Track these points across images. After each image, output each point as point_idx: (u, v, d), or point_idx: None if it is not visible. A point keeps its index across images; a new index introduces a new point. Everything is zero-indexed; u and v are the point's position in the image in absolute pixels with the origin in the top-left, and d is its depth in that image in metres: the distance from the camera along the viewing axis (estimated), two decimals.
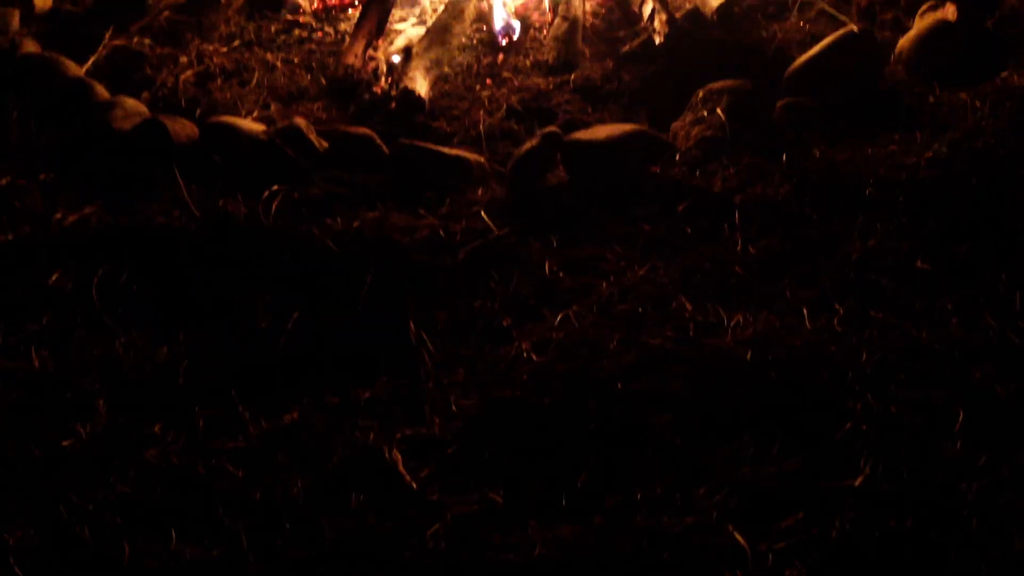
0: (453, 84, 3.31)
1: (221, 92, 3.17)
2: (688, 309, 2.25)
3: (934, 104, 2.90)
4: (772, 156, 2.72)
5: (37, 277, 2.32)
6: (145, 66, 3.20)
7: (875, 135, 2.78)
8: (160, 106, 3.04)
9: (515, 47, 3.49)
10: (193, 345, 2.18)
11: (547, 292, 2.36)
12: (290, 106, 3.17)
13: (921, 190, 2.49)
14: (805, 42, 3.29)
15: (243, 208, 2.57)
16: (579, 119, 3.09)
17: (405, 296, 2.32)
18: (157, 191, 2.65)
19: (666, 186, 2.66)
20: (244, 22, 3.60)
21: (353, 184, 2.69)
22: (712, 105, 2.87)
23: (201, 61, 3.31)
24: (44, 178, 2.65)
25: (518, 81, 3.30)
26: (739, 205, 2.54)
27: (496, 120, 3.09)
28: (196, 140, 2.84)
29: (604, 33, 3.53)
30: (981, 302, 2.17)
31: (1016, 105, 2.75)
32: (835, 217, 2.47)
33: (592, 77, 3.27)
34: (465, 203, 2.66)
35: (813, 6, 3.46)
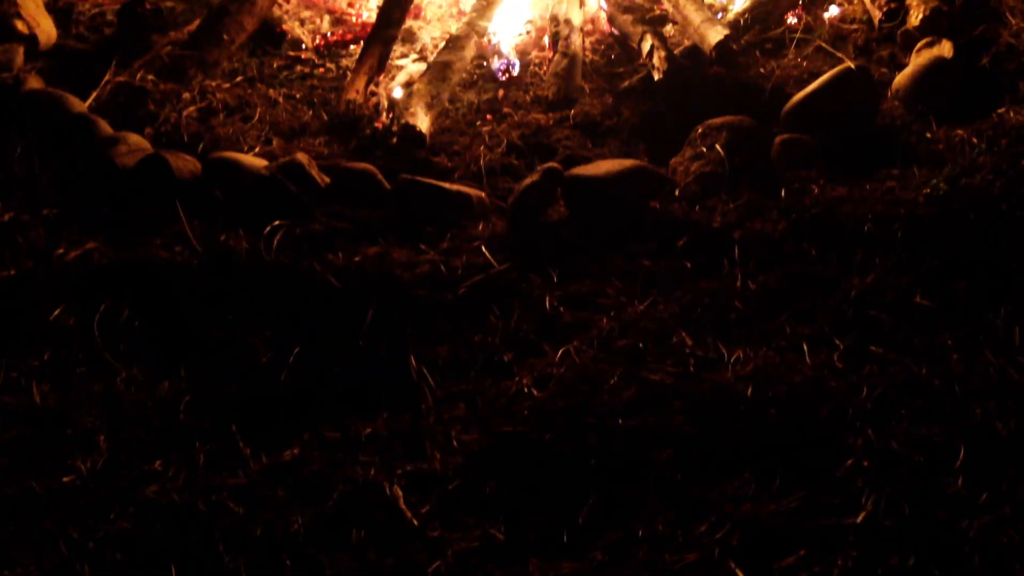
0: (454, 119, 3.33)
1: (223, 127, 3.19)
2: (688, 344, 2.25)
3: (931, 140, 2.93)
4: (771, 192, 2.74)
5: (39, 312, 2.32)
6: (148, 102, 3.22)
7: (873, 171, 2.80)
8: (163, 141, 3.06)
9: (515, 83, 3.53)
10: (194, 380, 2.18)
11: (548, 327, 2.36)
12: (292, 141, 3.19)
13: (919, 226, 2.51)
14: (803, 79, 3.33)
15: (245, 243, 2.58)
16: (579, 154, 3.12)
17: (406, 331, 2.32)
18: (159, 226, 2.66)
19: (666, 221, 2.67)
20: (247, 58, 3.63)
21: (355, 219, 2.70)
22: (711, 141, 2.90)
23: (204, 97, 3.33)
24: (47, 213, 2.66)
25: (518, 116, 3.32)
26: (738, 241, 2.55)
27: (497, 155, 3.10)
28: (198, 175, 2.85)
29: (603, 69, 3.56)
30: (981, 338, 2.18)
31: (1013, 142, 2.77)
32: (834, 253, 2.48)
33: (592, 113, 3.30)
34: (466, 238, 2.67)
35: (810, 43, 3.50)
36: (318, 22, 3.87)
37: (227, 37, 3.53)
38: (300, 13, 3.89)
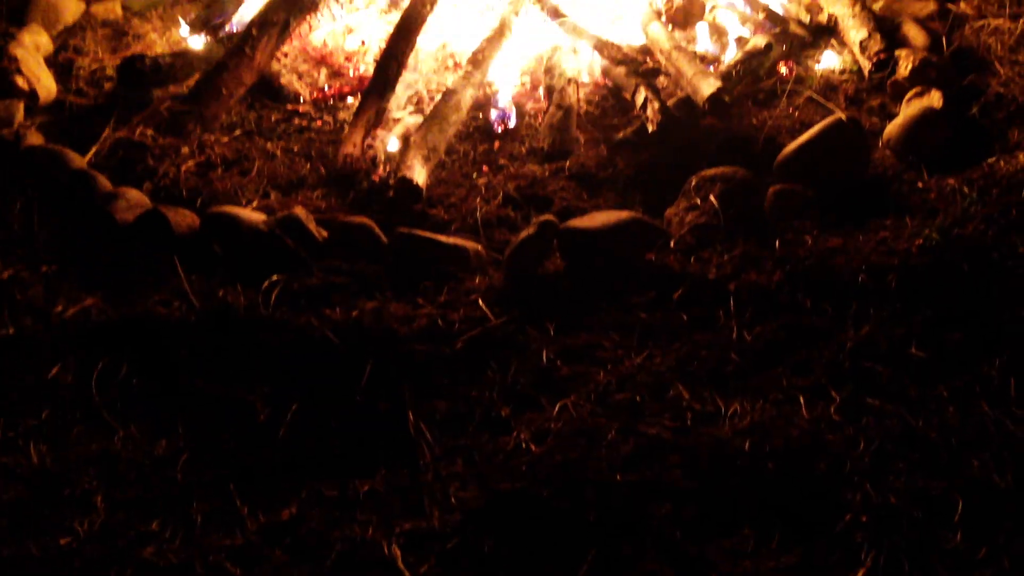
0: (450, 171, 3.36)
1: (222, 181, 3.21)
2: (685, 397, 2.26)
3: (923, 190, 2.96)
4: (765, 243, 2.76)
5: (37, 371, 2.33)
6: (148, 157, 3.24)
7: (866, 221, 2.83)
8: (162, 196, 3.08)
9: (511, 134, 3.56)
10: (192, 438, 2.19)
11: (545, 381, 2.37)
12: (290, 195, 3.21)
13: (913, 277, 2.53)
14: (795, 129, 3.36)
15: (243, 298, 2.59)
16: (575, 206, 3.14)
17: (404, 386, 2.33)
18: (158, 281, 2.67)
19: (661, 273, 2.69)
20: (245, 112, 3.66)
21: (352, 273, 2.72)
22: (705, 192, 2.92)
23: (202, 151, 3.36)
24: (46, 270, 2.68)
25: (514, 168, 3.35)
26: (734, 292, 2.57)
27: (493, 207, 3.13)
28: (197, 230, 2.88)
29: (598, 120, 3.59)
30: (976, 389, 2.20)
31: (1003, 191, 2.80)
32: (828, 304, 2.49)
33: (587, 164, 3.32)
34: (463, 291, 2.69)
35: (801, 93, 3.54)
36: (316, 75, 3.91)
37: (226, 91, 3.56)
38: (298, 67, 3.93)
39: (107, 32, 4.22)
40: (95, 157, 3.23)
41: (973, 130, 3.23)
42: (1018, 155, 2.96)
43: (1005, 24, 3.59)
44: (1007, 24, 3.59)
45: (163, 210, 2.85)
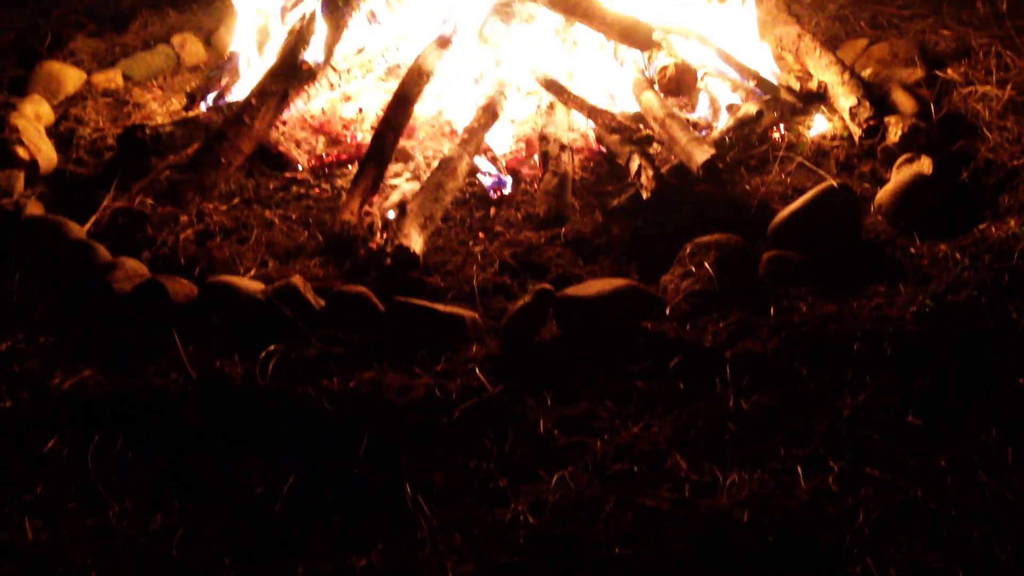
0: (447, 238, 3.38)
1: (220, 250, 3.23)
2: (683, 468, 2.25)
3: (915, 256, 2.99)
4: (760, 309, 2.78)
5: (33, 444, 2.32)
6: (147, 226, 3.27)
7: (860, 287, 2.85)
8: (160, 265, 3.10)
9: (507, 201, 3.59)
10: (187, 513, 2.17)
11: (542, 451, 2.37)
12: (288, 263, 3.23)
13: (908, 344, 2.54)
14: (787, 195, 3.40)
15: (240, 369, 2.59)
16: (571, 273, 3.16)
17: (401, 458, 2.32)
18: (155, 352, 2.68)
19: (657, 341, 2.70)
20: (244, 180, 3.69)
21: (349, 343, 2.73)
22: (700, 259, 2.95)
23: (201, 219, 3.38)
24: (43, 341, 2.69)
25: (510, 235, 3.37)
26: (730, 360, 2.58)
27: (489, 275, 3.15)
28: (195, 299, 2.89)
29: (593, 187, 3.63)
30: (974, 458, 2.20)
31: (995, 257, 2.83)
32: (824, 372, 2.50)
33: (583, 231, 3.35)
34: (460, 360, 2.69)
35: (793, 159, 3.58)
36: (314, 143, 3.95)
37: (225, 160, 3.60)
38: (296, 134, 3.97)
39: (108, 101, 4.29)
40: (94, 227, 3.26)
41: (964, 196, 3.27)
42: (1009, 221, 2.99)
43: (992, 91, 3.65)
44: (994, 91, 3.65)
45: (161, 280, 2.87)
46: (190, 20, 5.10)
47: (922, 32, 4.47)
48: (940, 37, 4.37)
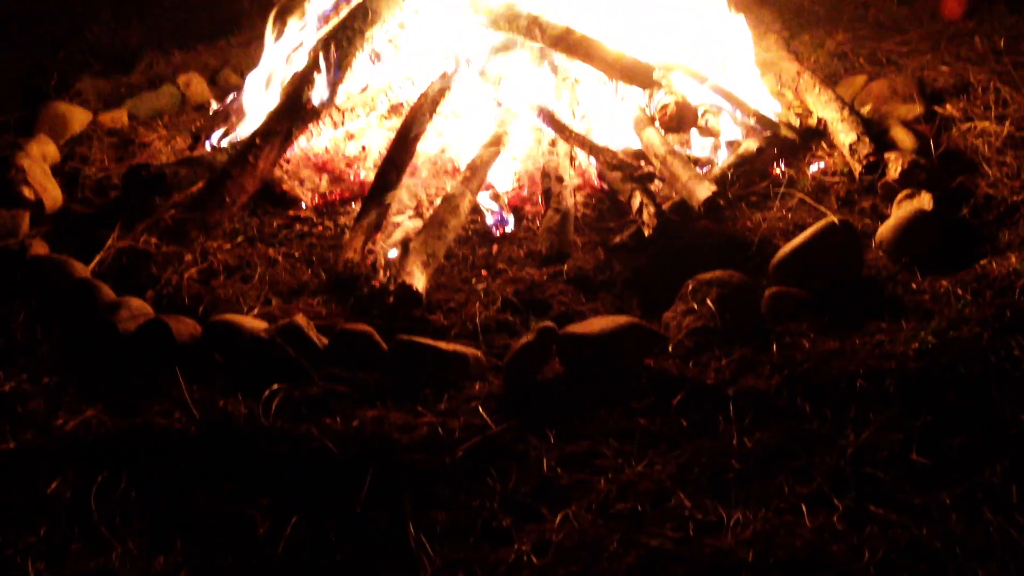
0: (449, 276, 3.39)
1: (224, 289, 3.25)
2: (687, 507, 2.25)
3: (917, 291, 2.99)
4: (763, 346, 2.78)
5: (36, 485, 2.32)
6: (151, 265, 3.29)
7: (862, 324, 2.85)
8: (164, 304, 3.12)
9: (509, 238, 3.61)
10: (190, 554, 2.16)
11: (546, 490, 2.36)
12: (291, 301, 3.24)
13: (911, 381, 2.54)
14: (788, 231, 3.42)
15: (243, 408, 2.60)
16: (573, 310, 3.17)
17: (404, 497, 2.32)
18: (159, 392, 2.68)
19: (660, 378, 2.70)
20: (247, 218, 3.71)
21: (352, 381, 2.73)
22: (702, 296, 2.95)
23: (205, 258, 3.40)
24: (47, 381, 2.69)
25: (513, 272, 3.39)
26: (732, 397, 2.58)
27: (492, 312, 3.15)
28: (199, 338, 2.90)
29: (595, 223, 3.65)
30: (979, 496, 2.19)
31: (997, 294, 2.84)
32: (828, 409, 2.50)
33: (585, 268, 3.36)
34: (463, 398, 2.70)
35: (794, 195, 3.60)
36: (317, 181, 3.97)
37: (229, 199, 3.62)
38: (300, 173, 4.00)
39: (113, 141, 4.33)
40: (99, 266, 3.28)
41: (964, 231, 3.29)
42: (1009, 256, 3.00)
43: (991, 126, 3.68)
44: (993, 126, 3.68)
45: (165, 319, 2.88)
46: (195, 60, 5.17)
47: (921, 68, 4.51)
48: (939, 73, 4.41)
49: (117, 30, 5.67)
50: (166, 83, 4.82)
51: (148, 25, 5.77)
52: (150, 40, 5.46)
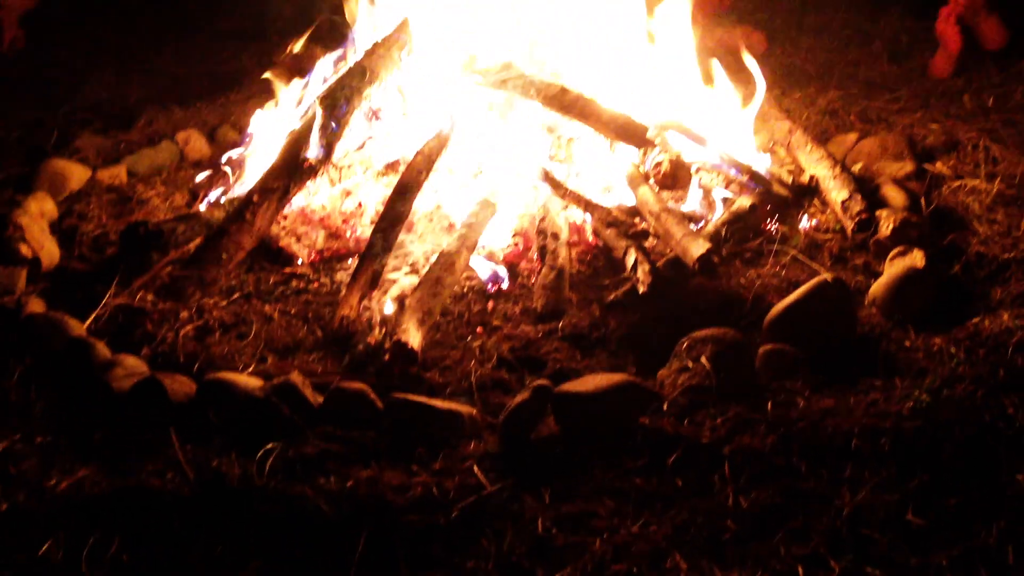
0: (445, 333, 3.40)
1: (219, 346, 3.25)
2: (683, 568, 2.23)
3: (911, 349, 3.01)
4: (758, 404, 2.78)
5: (28, 547, 2.31)
6: (147, 322, 3.30)
7: (856, 381, 2.86)
8: (159, 362, 3.12)
9: (505, 295, 3.62)
10: None
11: (541, 551, 2.34)
12: (287, 358, 3.25)
13: (906, 440, 2.54)
14: (782, 288, 3.44)
15: (237, 468, 2.59)
16: (568, 367, 3.17)
17: (399, 558, 2.30)
18: (153, 451, 2.67)
19: (656, 437, 2.69)
20: (244, 275, 3.73)
21: (347, 440, 2.72)
22: (696, 353, 2.96)
23: (201, 315, 3.41)
24: (41, 441, 2.68)
25: (508, 329, 3.39)
26: (728, 456, 2.57)
27: (487, 370, 3.16)
28: (193, 396, 2.89)
29: (590, 280, 3.67)
30: (975, 557, 2.18)
31: (990, 352, 2.85)
32: (823, 468, 2.50)
33: (580, 325, 3.37)
34: (458, 457, 2.69)
35: (787, 253, 3.63)
36: (314, 237, 4.00)
37: (226, 256, 3.64)
38: (296, 229, 4.02)
39: (112, 197, 4.36)
40: (95, 323, 3.28)
41: (957, 288, 3.31)
42: (1002, 314, 3.02)
43: (981, 184, 3.73)
44: (983, 184, 3.72)
45: (160, 377, 2.88)
46: (194, 116, 5.23)
47: (911, 126, 4.58)
48: (929, 131, 4.47)
49: (118, 87, 5.75)
50: (165, 140, 4.87)
51: (148, 82, 5.85)
52: (150, 97, 5.52)
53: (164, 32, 6.86)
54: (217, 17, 7.14)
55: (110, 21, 6.92)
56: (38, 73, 6.00)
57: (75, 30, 6.72)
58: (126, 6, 7.12)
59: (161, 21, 7.05)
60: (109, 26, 6.86)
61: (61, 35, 6.58)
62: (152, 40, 6.71)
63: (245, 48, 6.49)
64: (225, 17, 7.11)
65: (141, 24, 6.96)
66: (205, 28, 6.98)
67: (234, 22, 7.00)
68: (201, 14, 7.16)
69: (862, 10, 6.67)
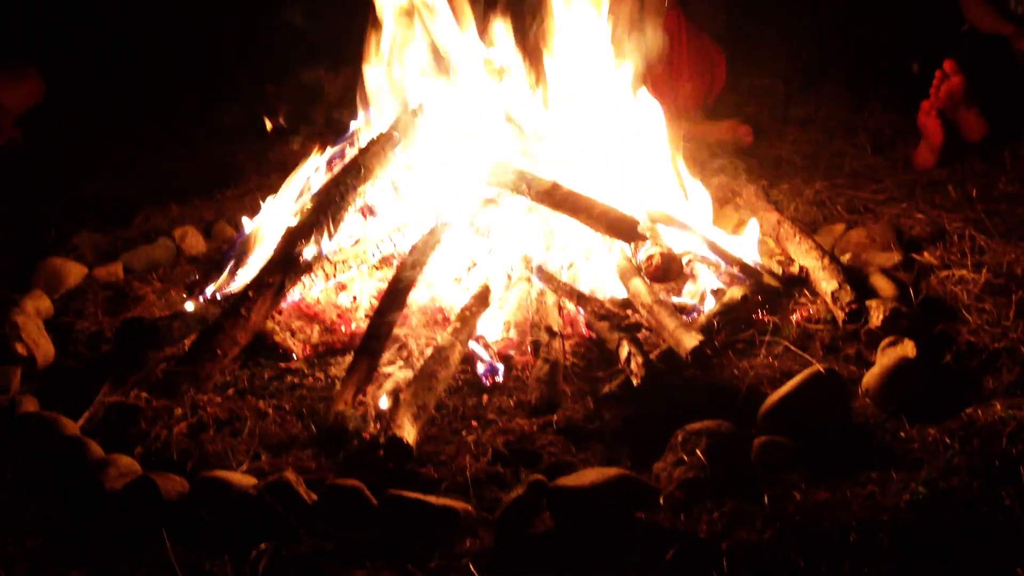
0: (440, 427, 3.40)
1: (213, 443, 3.24)
2: None
3: (905, 440, 3.00)
4: (754, 497, 2.77)
5: None
6: (140, 420, 3.29)
7: (852, 473, 2.85)
8: (153, 460, 3.10)
9: (499, 388, 3.63)
10: None
11: None
12: (281, 455, 3.23)
13: (903, 533, 2.52)
14: (776, 378, 3.45)
15: (229, 569, 2.56)
16: (564, 461, 3.16)
17: None
18: (145, 552, 2.64)
19: (652, 532, 2.68)
20: (238, 370, 3.73)
21: (342, 538, 2.70)
22: (692, 446, 2.96)
23: (195, 412, 3.40)
24: (32, 544, 2.65)
25: (503, 423, 3.39)
26: (725, 552, 2.55)
27: (483, 464, 3.14)
28: (186, 495, 2.88)
29: (584, 372, 3.68)
30: None
31: (985, 442, 2.85)
32: (822, 563, 2.47)
33: (575, 418, 3.37)
34: (454, 555, 2.66)
35: (779, 343, 3.65)
36: (309, 332, 4.02)
37: (221, 352, 3.65)
38: (292, 323, 4.04)
39: (108, 294, 4.39)
40: (88, 422, 3.28)
41: (949, 378, 3.32)
42: (995, 404, 3.03)
43: (969, 274, 3.77)
44: (971, 274, 3.77)
45: (152, 477, 2.86)
46: (191, 213, 5.30)
47: (897, 216, 4.65)
48: (915, 221, 4.55)
49: (116, 184, 5.84)
50: (162, 236, 4.92)
51: (146, 179, 5.95)
52: (147, 194, 5.60)
53: (162, 129, 7.00)
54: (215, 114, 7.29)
55: (108, 118, 7.06)
56: (36, 171, 6.09)
57: (73, 127, 6.85)
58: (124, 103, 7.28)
59: (159, 118, 7.19)
60: (107, 123, 7.00)
61: (59, 133, 6.70)
62: (150, 137, 6.84)
63: (242, 144, 6.61)
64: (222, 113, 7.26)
65: (139, 121, 7.11)
66: (203, 125, 7.12)
67: (231, 118, 7.15)
68: (199, 111, 7.32)
69: (846, 102, 6.86)
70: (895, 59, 6.38)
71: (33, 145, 6.46)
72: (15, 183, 5.81)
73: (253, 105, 7.22)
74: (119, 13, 7.77)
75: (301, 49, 7.36)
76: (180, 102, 7.41)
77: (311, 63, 7.24)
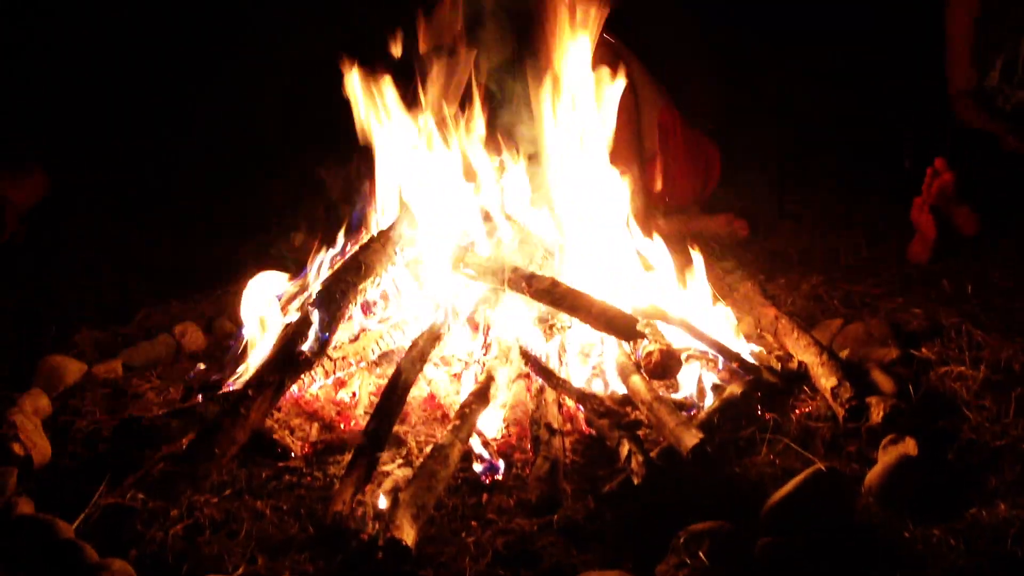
0: (439, 527, 3.36)
1: (209, 546, 3.19)
2: None
3: (909, 540, 2.97)
4: None
5: None
6: (136, 522, 3.25)
7: (857, 574, 2.81)
8: (148, 564, 3.05)
9: (499, 486, 3.59)
10: None
11: None
12: (277, 558, 3.18)
13: None
14: (777, 477, 3.43)
15: None
16: (564, 562, 3.11)
17: None
18: None
19: None
20: (236, 469, 3.70)
21: None
22: (694, 548, 2.92)
23: (191, 513, 3.36)
24: None
25: (503, 523, 3.35)
26: None
27: (483, 566, 3.10)
28: None
29: (584, 470, 3.65)
30: None
31: (989, 543, 2.82)
32: None
33: (575, 517, 3.33)
34: None
35: (780, 441, 3.64)
36: (308, 429, 4.00)
37: (219, 451, 3.62)
38: (291, 421, 4.03)
39: (107, 392, 4.38)
40: (84, 524, 3.23)
41: (951, 475, 3.30)
42: (999, 504, 3.01)
43: (967, 371, 3.78)
44: (969, 371, 3.77)
45: None
46: (192, 309, 5.32)
47: (894, 311, 4.68)
48: (912, 316, 4.57)
49: (117, 281, 5.87)
50: (162, 333, 4.93)
51: (147, 276, 5.98)
52: (148, 290, 5.64)
53: (162, 225, 7.08)
54: (215, 210, 7.38)
55: (109, 215, 7.14)
56: (37, 267, 6.13)
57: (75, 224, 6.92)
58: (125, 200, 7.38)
59: (159, 214, 7.28)
60: (108, 220, 7.07)
61: (61, 230, 6.77)
62: (151, 233, 6.91)
63: (243, 240, 6.67)
64: (223, 210, 7.36)
65: (140, 218, 7.19)
66: (203, 221, 7.21)
67: (232, 215, 7.24)
68: (199, 207, 7.42)
69: (840, 197, 6.96)
70: (888, 155, 6.50)
71: (35, 241, 6.52)
72: (16, 279, 5.84)
73: (255, 200, 7.32)
74: (122, 111, 7.94)
75: (301, 141, 7.47)
76: (181, 197, 7.51)
77: (312, 156, 7.35)
